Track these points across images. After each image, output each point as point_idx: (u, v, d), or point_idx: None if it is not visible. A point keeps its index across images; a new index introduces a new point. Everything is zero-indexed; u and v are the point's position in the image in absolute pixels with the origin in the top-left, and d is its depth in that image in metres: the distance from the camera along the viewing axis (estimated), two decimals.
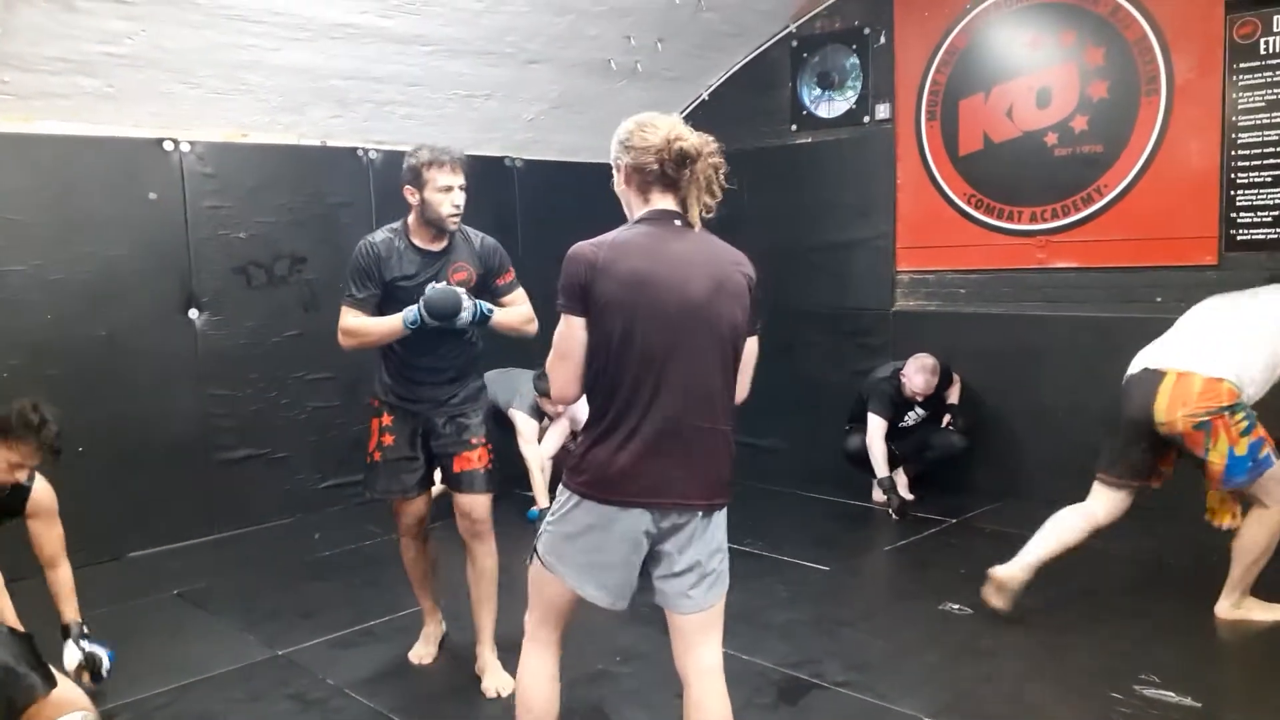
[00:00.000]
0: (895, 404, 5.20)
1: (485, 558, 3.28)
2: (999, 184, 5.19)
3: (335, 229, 5.39)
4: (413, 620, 3.66)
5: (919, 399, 5.20)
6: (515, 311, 3.22)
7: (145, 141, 4.79)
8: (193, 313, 4.97)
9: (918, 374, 5.11)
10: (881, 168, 5.64)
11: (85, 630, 3.31)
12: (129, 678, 3.35)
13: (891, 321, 5.66)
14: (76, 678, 3.07)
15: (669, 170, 2.07)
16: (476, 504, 3.24)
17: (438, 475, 3.35)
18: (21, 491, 3.16)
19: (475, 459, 3.23)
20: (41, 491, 3.24)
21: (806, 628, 3.68)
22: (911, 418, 5.35)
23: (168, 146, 4.85)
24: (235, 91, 4.83)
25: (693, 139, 2.07)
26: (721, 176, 2.11)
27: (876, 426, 5.12)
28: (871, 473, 5.13)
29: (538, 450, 5.32)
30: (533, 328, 3.23)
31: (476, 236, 3.26)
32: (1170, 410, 3.30)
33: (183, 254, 4.92)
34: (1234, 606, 3.52)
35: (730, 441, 2.15)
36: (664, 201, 2.12)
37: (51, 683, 2.38)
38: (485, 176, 5.91)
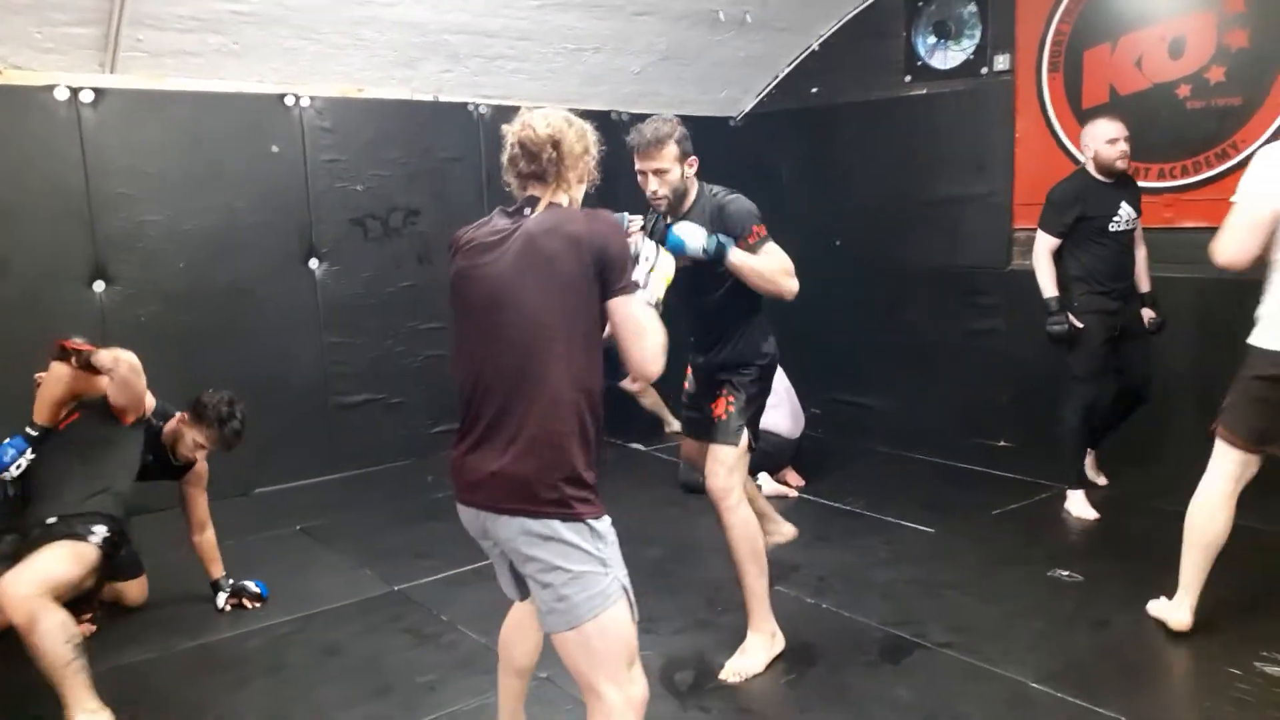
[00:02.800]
0: (1083, 200, 4.25)
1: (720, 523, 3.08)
2: None
3: (447, 183, 5.51)
4: None
5: (1119, 168, 4.22)
6: (755, 260, 2.88)
7: (268, 97, 4.96)
8: (313, 262, 5.16)
9: (1109, 125, 4.22)
10: (999, 121, 5.44)
11: (231, 581, 3.63)
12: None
13: (1006, 280, 5.49)
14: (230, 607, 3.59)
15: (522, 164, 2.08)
16: (704, 458, 3.10)
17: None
18: (189, 463, 3.55)
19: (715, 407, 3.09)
20: (202, 463, 3.59)
21: (909, 588, 3.67)
22: (1122, 219, 4.26)
23: (289, 101, 5.01)
24: (352, 47, 4.95)
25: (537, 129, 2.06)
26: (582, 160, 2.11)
27: (1042, 244, 4.33)
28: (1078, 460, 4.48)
29: None
30: (788, 283, 2.90)
31: (715, 203, 2.98)
32: None
33: (303, 205, 5.10)
34: None
35: (573, 437, 1.96)
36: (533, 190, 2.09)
37: None
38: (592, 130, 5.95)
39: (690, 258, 2.79)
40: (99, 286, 4.55)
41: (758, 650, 3.08)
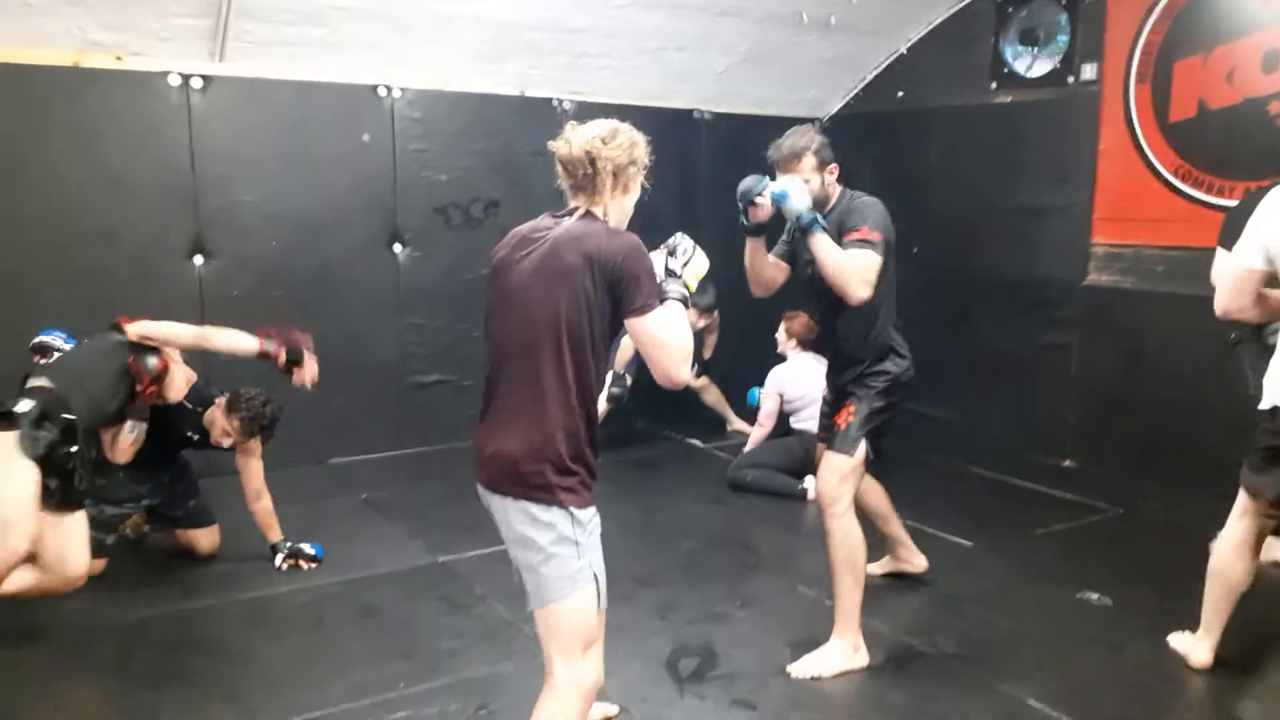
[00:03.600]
0: None
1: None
2: (1212, 154, 4.77)
3: (527, 176, 5.69)
4: None
5: None
6: (836, 251, 2.89)
7: (362, 87, 5.25)
8: (396, 247, 5.44)
9: None
10: (1083, 132, 5.30)
11: (289, 544, 3.89)
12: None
13: (1080, 296, 5.37)
14: (287, 567, 3.83)
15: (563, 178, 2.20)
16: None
17: None
18: None
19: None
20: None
21: (931, 598, 3.68)
22: None
23: (381, 92, 5.29)
24: (442, 41, 5.19)
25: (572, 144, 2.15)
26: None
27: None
28: None
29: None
30: (857, 286, 2.87)
31: (849, 204, 3.09)
32: None
33: (389, 193, 5.38)
34: None
35: (560, 431, 2.08)
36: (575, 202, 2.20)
37: None
38: (673, 128, 6.06)
39: (791, 217, 2.90)
40: (198, 260, 4.92)
41: (835, 656, 3.10)
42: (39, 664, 3.12)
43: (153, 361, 3.49)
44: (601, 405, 5.31)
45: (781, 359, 5.22)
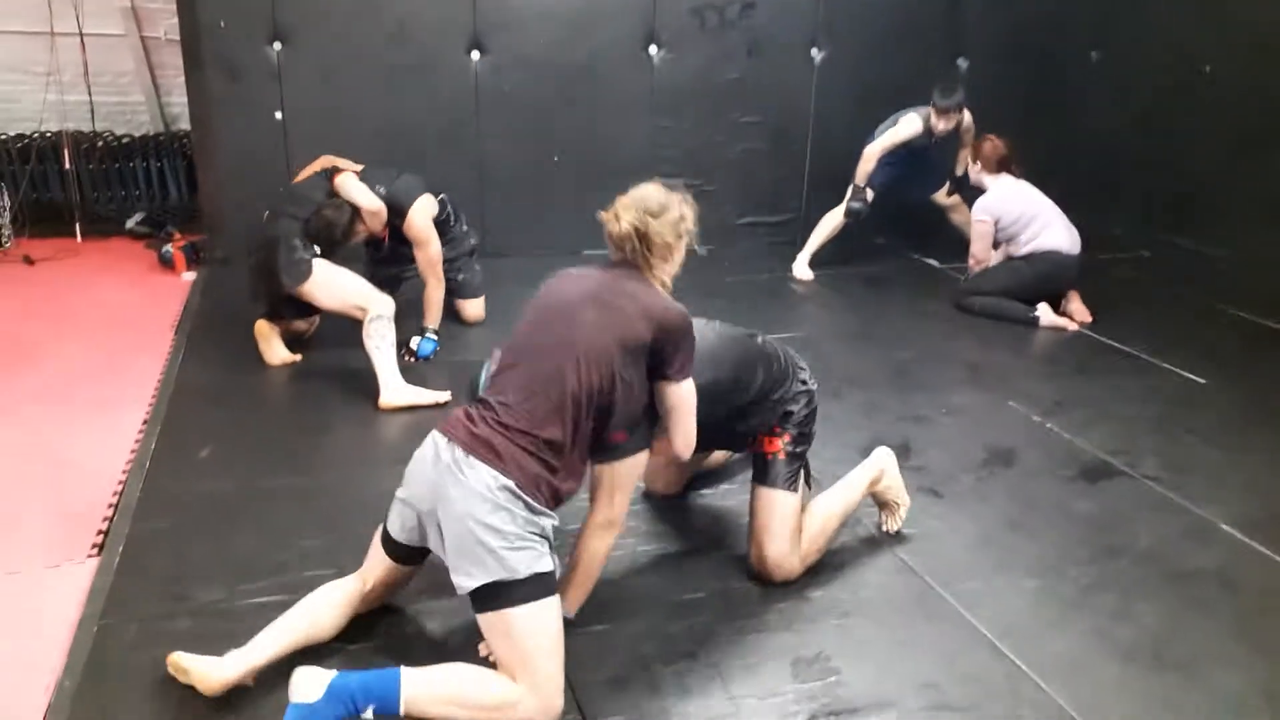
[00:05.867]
0: None
1: None
2: None
3: None
4: None
5: None
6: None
7: None
8: (652, 49, 5.63)
9: None
10: None
11: (428, 334, 4.14)
12: None
13: None
14: (402, 357, 3.92)
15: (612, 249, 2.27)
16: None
17: None
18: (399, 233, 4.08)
19: None
20: (414, 225, 4.03)
21: (1146, 425, 3.65)
22: None
23: None
24: None
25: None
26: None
27: None
28: None
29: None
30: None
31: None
32: None
33: None
34: None
35: (536, 454, 2.02)
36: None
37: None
38: None
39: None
40: (475, 56, 5.36)
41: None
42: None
43: None
44: (836, 220, 5.39)
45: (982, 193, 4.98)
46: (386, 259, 4.28)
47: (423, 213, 4.04)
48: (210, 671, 2.02)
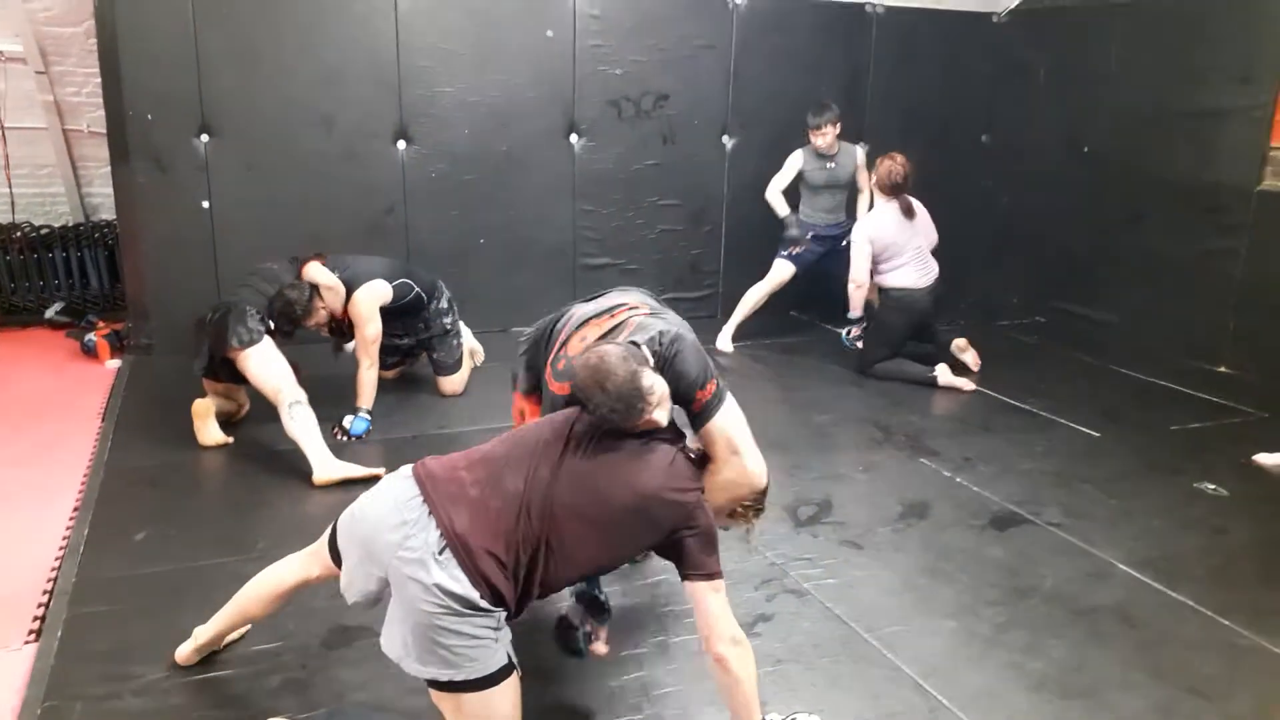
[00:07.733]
0: None
1: None
2: None
3: (697, 70, 5.99)
4: None
5: None
6: None
7: None
8: (573, 137, 5.89)
9: None
10: (1271, 31, 5.09)
11: (361, 413, 4.20)
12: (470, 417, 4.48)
13: (1254, 201, 5.23)
14: (334, 435, 4.05)
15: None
16: None
17: None
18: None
19: None
20: (355, 306, 4.17)
21: (1047, 478, 3.91)
22: None
23: None
24: None
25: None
26: None
27: None
28: None
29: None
30: None
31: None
32: None
33: (568, 86, 5.80)
34: None
35: (484, 558, 1.92)
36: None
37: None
38: (843, 22, 6.18)
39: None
40: (401, 145, 5.53)
41: None
42: None
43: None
44: (757, 295, 5.64)
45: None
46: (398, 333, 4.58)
47: (368, 296, 4.21)
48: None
